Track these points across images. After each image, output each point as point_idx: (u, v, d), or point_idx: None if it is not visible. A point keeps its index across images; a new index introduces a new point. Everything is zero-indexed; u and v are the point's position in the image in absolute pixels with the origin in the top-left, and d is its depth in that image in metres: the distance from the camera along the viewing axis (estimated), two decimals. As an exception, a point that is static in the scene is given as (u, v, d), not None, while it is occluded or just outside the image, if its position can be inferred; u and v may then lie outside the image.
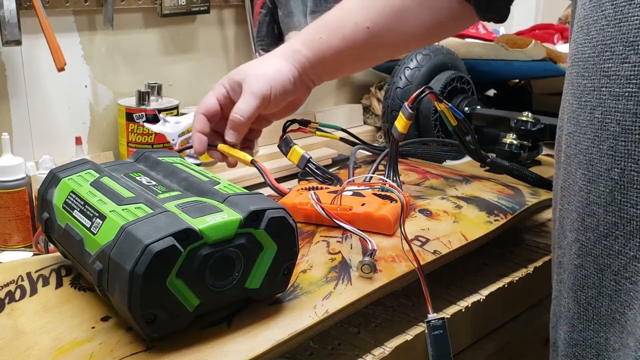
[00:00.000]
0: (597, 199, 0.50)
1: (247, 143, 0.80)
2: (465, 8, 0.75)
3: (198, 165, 0.68)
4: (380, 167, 0.83)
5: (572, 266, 0.54)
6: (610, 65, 0.48)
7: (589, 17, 0.50)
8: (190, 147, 0.78)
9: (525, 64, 1.20)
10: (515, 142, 1.00)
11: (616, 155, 0.48)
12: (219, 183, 0.59)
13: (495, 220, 0.75)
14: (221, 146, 0.76)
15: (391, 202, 0.72)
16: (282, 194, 0.77)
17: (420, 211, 0.75)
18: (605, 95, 0.48)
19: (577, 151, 0.52)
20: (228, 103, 0.77)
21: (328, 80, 0.82)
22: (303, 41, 0.77)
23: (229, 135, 0.75)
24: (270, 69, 0.74)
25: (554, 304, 0.60)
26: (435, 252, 0.67)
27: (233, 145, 0.75)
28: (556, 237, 0.59)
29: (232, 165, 0.79)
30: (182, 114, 1.02)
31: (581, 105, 0.51)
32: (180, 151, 0.78)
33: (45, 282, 0.61)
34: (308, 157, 0.80)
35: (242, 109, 0.73)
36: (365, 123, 1.38)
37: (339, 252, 0.66)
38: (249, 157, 0.74)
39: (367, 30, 0.75)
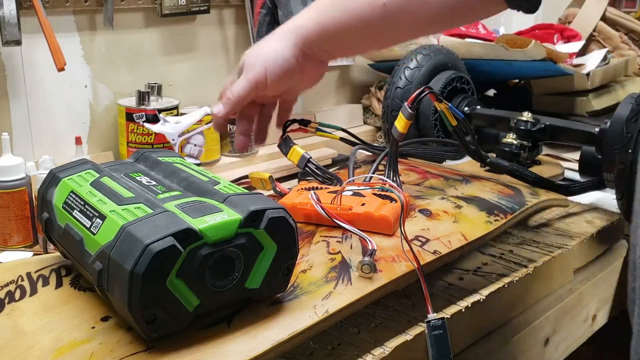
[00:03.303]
0: None
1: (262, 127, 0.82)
2: None
3: (198, 165, 0.68)
4: (380, 167, 0.83)
5: None
6: None
7: None
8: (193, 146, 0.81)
9: (525, 64, 1.20)
10: (515, 142, 1.00)
11: None
12: (219, 183, 0.59)
13: (495, 220, 0.75)
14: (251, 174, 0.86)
15: (391, 202, 0.72)
16: (282, 194, 0.77)
17: (420, 211, 0.75)
18: None
19: None
20: None
21: (341, 57, 0.78)
22: (308, 16, 0.75)
23: (216, 108, 0.76)
24: (266, 50, 0.74)
25: (636, 340, 0.55)
26: (435, 252, 0.67)
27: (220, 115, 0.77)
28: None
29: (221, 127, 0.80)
30: (182, 114, 1.02)
31: None
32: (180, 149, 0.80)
33: (45, 282, 0.61)
34: (308, 157, 0.80)
35: (234, 90, 0.75)
36: (365, 123, 1.38)
37: (339, 252, 0.66)
38: (266, 175, 0.82)
39: (383, 8, 0.71)
